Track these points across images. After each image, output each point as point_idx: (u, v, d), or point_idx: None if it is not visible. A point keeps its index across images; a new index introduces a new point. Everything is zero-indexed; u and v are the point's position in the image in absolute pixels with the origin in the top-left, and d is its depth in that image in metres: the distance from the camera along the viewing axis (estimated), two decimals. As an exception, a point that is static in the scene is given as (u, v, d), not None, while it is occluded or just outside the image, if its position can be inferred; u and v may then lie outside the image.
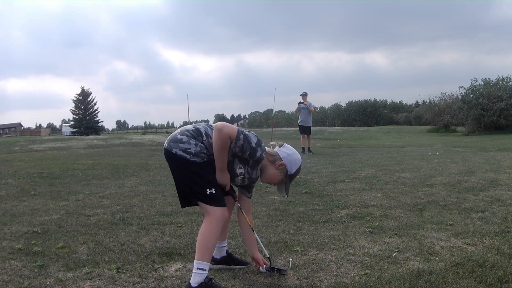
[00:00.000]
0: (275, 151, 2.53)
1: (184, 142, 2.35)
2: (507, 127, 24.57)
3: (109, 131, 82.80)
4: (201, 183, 2.34)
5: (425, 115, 37.71)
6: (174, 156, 2.35)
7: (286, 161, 2.48)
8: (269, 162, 2.49)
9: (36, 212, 4.35)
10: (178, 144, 2.35)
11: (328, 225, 3.69)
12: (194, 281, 2.28)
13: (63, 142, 20.11)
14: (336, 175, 6.74)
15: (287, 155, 2.50)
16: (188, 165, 2.34)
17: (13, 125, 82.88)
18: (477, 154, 10.42)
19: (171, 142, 2.38)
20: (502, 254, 2.77)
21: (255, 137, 2.40)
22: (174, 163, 2.39)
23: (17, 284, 2.46)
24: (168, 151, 2.38)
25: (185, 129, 2.44)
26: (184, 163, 2.34)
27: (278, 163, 2.47)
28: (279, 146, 2.57)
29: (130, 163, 9.40)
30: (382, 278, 2.43)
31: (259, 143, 2.39)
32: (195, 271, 2.29)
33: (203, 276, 2.28)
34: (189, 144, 2.34)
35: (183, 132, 2.40)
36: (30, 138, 32.32)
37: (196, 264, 2.30)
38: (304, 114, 12.03)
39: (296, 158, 2.52)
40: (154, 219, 3.99)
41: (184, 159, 2.33)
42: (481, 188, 5.23)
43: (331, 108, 74.56)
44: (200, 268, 2.29)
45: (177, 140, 2.36)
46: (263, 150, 2.42)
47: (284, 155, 2.49)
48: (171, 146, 2.37)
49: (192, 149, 2.34)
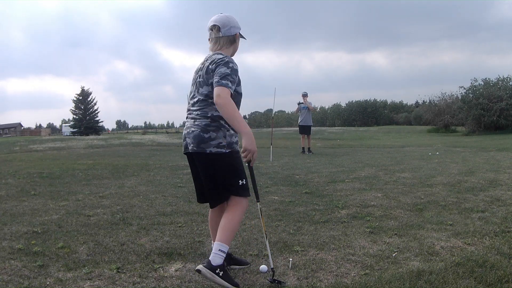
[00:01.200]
0: (221, 37, 2.46)
1: (214, 139, 2.35)
2: (507, 127, 24.57)
3: (109, 131, 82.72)
4: (236, 175, 2.40)
5: (425, 115, 37.70)
6: (209, 155, 2.36)
7: (237, 31, 2.49)
8: (230, 47, 2.50)
9: (36, 212, 4.35)
10: (210, 143, 2.35)
11: (328, 225, 3.69)
12: (214, 261, 2.28)
13: (63, 142, 20.12)
14: (336, 175, 6.74)
15: (232, 27, 2.47)
16: (225, 159, 2.37)
17: (13, 125, 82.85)
18: (477, 154, 10.42)
19: (201, 144, 2.36)
20: (502, 254, 2.77)
21: (235, 73, 2.35)
22: (209, 162, 2.38)
23: (17, 284, 2.46)
24: (201, 153, 2.37)
25: (203, 124, 2.37)
26: (221, 158, 2.36)
27: (236, 37, 2.50)
28: (216, 31, 2.47)
29: (130, 163, 9.41)
30: (382, 278, 2.43)
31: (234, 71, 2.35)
32: (217, 252, 2.31)
33: (222, 259, 2.32)
34: (218, 138, 2.36)
35: (205, 129, 2.36)
36: (30, 138, 32.32)
37: (219, 245, 2.32)
38: (304, 114, 12.03)
39: (233, 19, 2.50)
40: (154, 219, 3.99)
41: (221, 155, 2.36)
42: (481, 188, 5.23)
43: (331, 108, 74.58)
44: (221, 250, 2.32)
45: (206, 139, 2.35)
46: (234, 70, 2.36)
47: (231, 30, 2.47)
48: (203, 148, 2.36)
49: (223, 141, 2.37)
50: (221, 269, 2.28)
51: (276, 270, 2.62)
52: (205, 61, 2.48)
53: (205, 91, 2.40)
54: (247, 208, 2.46)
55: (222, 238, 2.34)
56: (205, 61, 2.48)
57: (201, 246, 3.14)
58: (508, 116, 24.55)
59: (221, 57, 2.39)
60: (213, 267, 2.26)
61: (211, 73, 2.37)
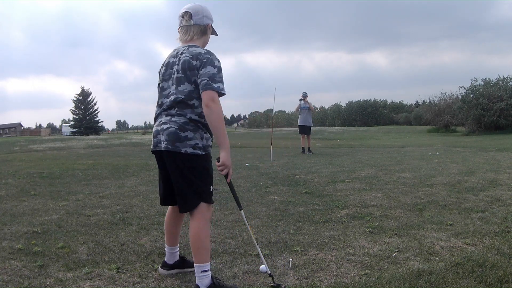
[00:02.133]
0: (193, 25, 2.36)
1: (191, 139, 2.23)
2: (507, 127, 24.57)
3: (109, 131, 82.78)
4: (209, 180, 2.30)
5: (425, 115, 37.71)
6: (184, 156, 2.21)
7: (209, 22, 2.39)
8: (201, 37, 2.39)
9: (36, 212, 4.35)
10: (186, 142, 2.22)
11: (328, 225, 3.69)
12: (203, 284, 2.24)
13: (63, 142, 20.12)
14: (336, 175, 6.74)
15: (204, 17, 2.37)
16: (201, 161, 2.25)
17: (13, 125, 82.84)
18: (477, 154, 10.42)
19: (176, 142, 2.21)
20: (502, 254, 2.77)
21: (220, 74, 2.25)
22: (183, 163, 2.23)
23: (17, 284, 2.45)
24: (175, 152, 2.22)
25: (181, 122, 2.25)
26: (196, 160, 2.24)
27: (208, 28, 2.40)
28: (187, 19, 2.37)
29: (130, 163, 9.40)
30: (382, 278, 2.43)
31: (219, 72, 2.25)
32: (200, 275, 2.25)
33: (209, 278, 2.27)
34: (196, 139, 2.24)
35: (183, 127, 2.24)
36: (30, 138, 32.32)
37: (199, 267, 2.26)
38: (304, 114, 12.02)
39: (206, 9, 2.39)
40: (154, 219, 3.99)
41: (197, 156, 2.24)
42: (481, 188, 5.23)
43: (331, 108, 74.53)
44: (204, 270, 2.26)
45: (183, 138, 2.22)
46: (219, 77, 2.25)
47: (203, 19, 2.37)
48: (179, 147, 2.21)
49: (200, 143, 2.26)
50: (214, 287, 2.26)
51: (276, 270, 2.62)
52: (179, 54, 2.31)
53: (187, 89, 2.25)
54: (210, 217, 2.36)
55: (198, 260, 2.25)
56: (180, 54, 2.31)
57: (201, 246, 3.14)
58: (508, 116, 24.56)
59: (203, 53, 2.25)
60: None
61: (195, 70, 2.22)
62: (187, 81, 2.25)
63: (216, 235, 3.40)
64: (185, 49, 2.31)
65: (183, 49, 2.32)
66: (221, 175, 2.30)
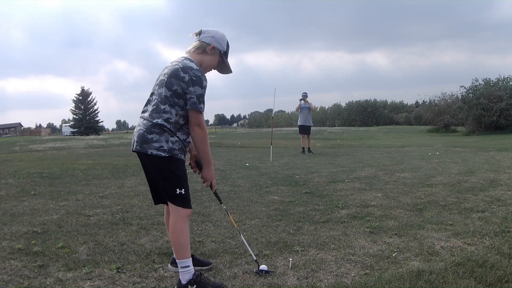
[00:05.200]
0: (197, 41, 2.46)
1: (156, 141, 2.34)
2: (507, 127, 24.55)
3: (109, 131, 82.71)
4: (173, 183, 2.37)
5: (425, 115, 37.66)
6: (149, 157, 2.36)
7: (214, 43, 2.45)
8: (200, 54, 2.45)
9: (36, 212, 4.35)
10: (151, 144, 2.34)
11: (328, 225, 3.69)
12: (183, 279, 2.37)
13: (63, 142, 20.12)
14: (336, 175, 6.74)
15: (211, 37, 2.45)
16: (164, 163, 2.35)
17: (13, 125, 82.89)
18: (477, 154, 10.42)
19: (143, 144, 2.36)
20: (502, 254, 2.77)
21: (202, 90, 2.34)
22: (149, 163, 2.43)
23: (17, 284, 2.46)
24: (143, 153, 2.39)
25: (148, 125, 2.36)
26: (160, 162, 2.35)
27: (208, 49, 2.45)
28: (196, 34, 2.49)
29: (130, 163, 9.40)
30: (382, 278, 2.43)
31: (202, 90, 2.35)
32: (181, 270, 2.38)
33: (190, 273, 2.37)
34: (160, 141, 2.34)
35: (150, 130, 2.35)
36: (30, 138, 32.31)
37: (179, 263, 2.38)
38: (305, 114, 12.02)
39: (220, 35, 2.49)
40: (154, 219, 3.99)
41: (160, 158, 2.34)
42: (481, 188, 5.23)
43: (331, 108, 74.47)
44: (183, 266, 2.38)
45: (148, 140, 2.35)
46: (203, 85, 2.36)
47: (209, 39, 2.45)
48: (145, 148, 2.35)
49: (165, 146, 2.34)
50: (194, 282, 2.35)
51: (276, 270, 2.63)
52: (173, 63, 2.41)
53: (164, 92, 2.34)
54: (188, 217, 2.43)
55: (178, 256, 2.40)
56: (174, 62, 2.41)
57: (201, 246, 3.14)
58: (508, 116, 24.53)
59: (194, 68, 2.32)
60: (183, 285, 2.36)
61: (180, 81, 2.30)
62: (167, 86, 2.35)
63: (216, 235, 3.40)
64: (180, 60, 2.40)
65: (179, 60, 2.42)
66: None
